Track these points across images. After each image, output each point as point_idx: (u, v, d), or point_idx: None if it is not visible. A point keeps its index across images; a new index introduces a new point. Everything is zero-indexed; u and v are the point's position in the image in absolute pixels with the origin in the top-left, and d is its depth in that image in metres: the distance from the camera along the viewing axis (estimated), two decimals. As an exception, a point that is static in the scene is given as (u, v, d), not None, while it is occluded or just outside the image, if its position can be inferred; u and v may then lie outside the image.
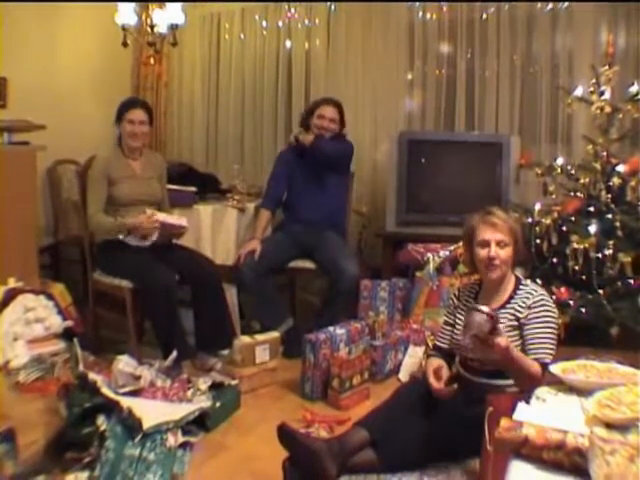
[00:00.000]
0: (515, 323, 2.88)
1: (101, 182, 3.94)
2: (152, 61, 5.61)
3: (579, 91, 4.25)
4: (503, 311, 2.93)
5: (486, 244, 2.92)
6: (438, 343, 3.20)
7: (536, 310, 2.86)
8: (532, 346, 2.83)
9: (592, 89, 4.17)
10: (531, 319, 2.85)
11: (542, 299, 2.90)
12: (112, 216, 3.94)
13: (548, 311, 2.87)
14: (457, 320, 3.09)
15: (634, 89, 4.10)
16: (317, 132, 4.40)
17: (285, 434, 2.71)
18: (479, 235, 2.94)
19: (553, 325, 2.86)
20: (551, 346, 2.80)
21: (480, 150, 4.74)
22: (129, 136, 3.98)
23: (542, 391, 2.13)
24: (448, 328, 3.14)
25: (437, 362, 3.04)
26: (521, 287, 2.97)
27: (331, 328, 3.77)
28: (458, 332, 3.02)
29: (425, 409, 2.91)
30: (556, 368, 2.25)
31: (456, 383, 2.98)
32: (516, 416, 1.87)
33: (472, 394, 2.85)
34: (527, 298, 2.91)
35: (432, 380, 2.93)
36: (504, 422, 1.79)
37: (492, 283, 2.97)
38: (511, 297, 2.95)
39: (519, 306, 2.90)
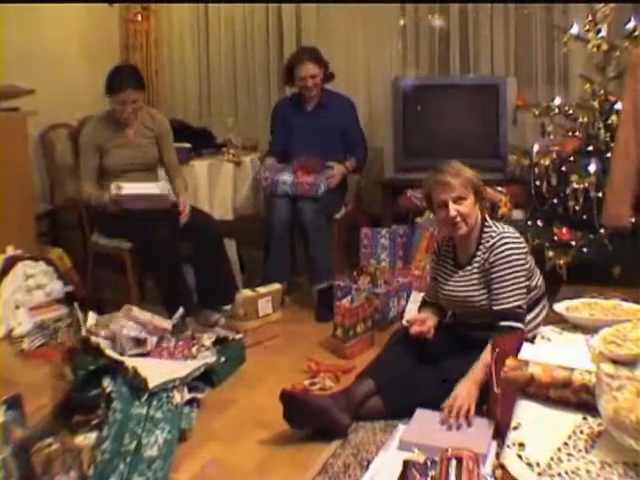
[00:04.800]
0: (483, 276, 2.84)
1: (91, 152, 3.93)
2: (139, 18, 5.53)
3: (575, 29, 4.17)
4: (473, 261, 2.89)
5: (443, 204, 2.83)
6: (426, 298, 3.19)
7: (496, 253, 2.79)
8: (494, 295, 2.78)
9: (588, 27, 4.09)
10: (493, 264, 2.79)
11: (502, 238, 2.81)
12: (106, 185, 3.89)
13: (509, 250, 2.78)
14: (439, 276, 3.06)
15: (631, 25, 4.02)
16: (305, 92, 4.41)
17: (289, 399, 2.70)
18: (435, 197, 2.86)
19: (516, 268, 2.77)
20: (515, 291, 2.75)
21: (476, 93, 4.66)
22: (122, 114, 3.92)
23: (547, 330, 2.12)
24: (435, 284, 3.11)
25: (425, 314, 3.04)
26: (485, 231, 2.88)
27: None
28: (443, 287, 3.01)
29: (425, 351, 2.93)
30: (560, 307, 2.23)
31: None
32: (522, 355, 1.87)
33: (464, 345, 2.87)
34: (488, 241, 2.84)
35: (412, 327, 2.94)
36: (510, 361, 1.78)
37: (462, 237, 2.90)
38: (478, 244, 2.88)
39: (483, 253, 2.84)
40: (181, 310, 3.51)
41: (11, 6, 4.68)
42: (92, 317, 3.39)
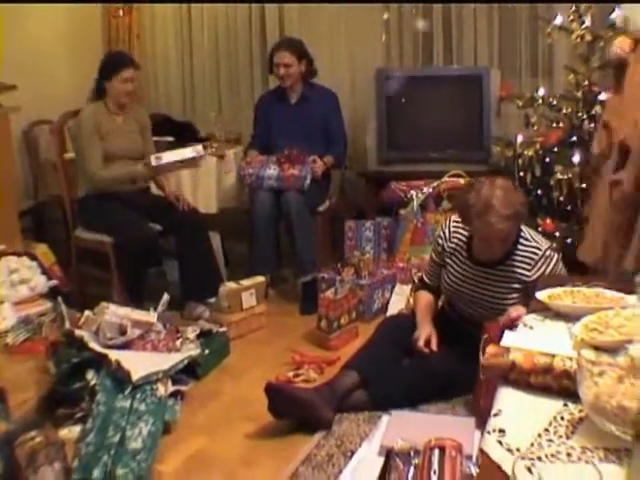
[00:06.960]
0: (516, 285, 2.79)
1: (95, 136, 3.92)
2: (121, 13, 5.50)
3: (559, 20, 4.17)
4: (501, 267, 2.81)
5: (487, 238, 2.74)
6: (425, 279, 3.17)
7: (541, 272, 2.74)
8: None
9: (572, 18, 4.10)
10: (535, 281, 2.67)
11: (550, 255, 2.76)
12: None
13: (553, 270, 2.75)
14: (447, 263, 2.99)
15: (615, 15, 4.03)
16: (279, 81, 4.43)
17: (274, 392, 2.71)
18: (478, 229, 2.73)
19: None
20: None
21: (460, 84, 4.66)
22: (124, 94, 3.97)
23: (529, 318, 2.12)
24: (437, 268, 3.07)
25: (428, 328, 2.98)
26: (521, 241, 2.81)
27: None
28: (451, 276, 2.98)
29: (410, 343, 2.92)
30: (542, 295, 2.23)
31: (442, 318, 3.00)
32: (503, 343, 1.87)
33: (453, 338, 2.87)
34: (532, 258, 2.76)
35: (421, 345, 2.91)
36: (491, 348, 1.78)
37: None
38: (510, 252, 2.80)
39: (523, 268, 2.77)
40: (166, 296, 3.47)
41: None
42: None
